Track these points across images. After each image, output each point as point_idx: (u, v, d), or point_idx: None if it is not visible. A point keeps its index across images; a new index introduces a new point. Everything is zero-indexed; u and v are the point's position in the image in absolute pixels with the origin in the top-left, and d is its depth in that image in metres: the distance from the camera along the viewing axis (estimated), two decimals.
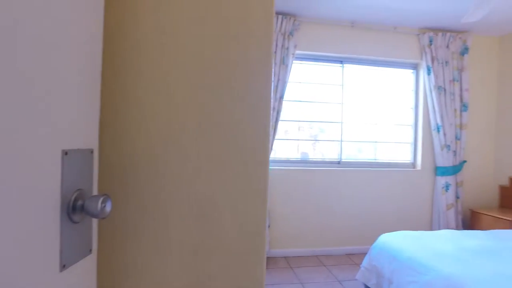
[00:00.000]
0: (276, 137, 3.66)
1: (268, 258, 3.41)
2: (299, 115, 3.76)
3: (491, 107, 4.05)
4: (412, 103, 3.99)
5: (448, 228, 3.72)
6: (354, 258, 3.50)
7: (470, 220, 3.77)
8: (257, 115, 0.70)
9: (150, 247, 0.70)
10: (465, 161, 3.83)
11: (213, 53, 0.70)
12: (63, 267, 0.52)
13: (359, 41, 3.69)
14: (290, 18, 3.37)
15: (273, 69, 3.26)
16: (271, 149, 3.36)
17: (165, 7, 0.69)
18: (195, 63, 0.70)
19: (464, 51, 3.79)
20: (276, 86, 3.33)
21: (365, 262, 2.64)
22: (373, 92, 3.90)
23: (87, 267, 0.59)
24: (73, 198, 0.54)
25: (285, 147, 3.79)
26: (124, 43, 0.69)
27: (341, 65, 3.78)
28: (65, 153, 0.52)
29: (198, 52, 0.70)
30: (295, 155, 3.77)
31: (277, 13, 3.34)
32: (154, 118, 0.70)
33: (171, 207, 0.71)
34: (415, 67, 3.97)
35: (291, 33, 3.37)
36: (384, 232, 2.80)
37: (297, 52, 3.53)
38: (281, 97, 3.38)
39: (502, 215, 3.39)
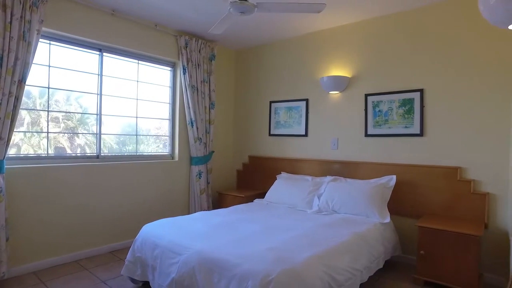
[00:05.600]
0: (21, 129, 2.99)
1: (8, 279, 2.75)
2: (51, 104, 3.22)
3: (230, 107, 5.00)
4: (169, 99, 4.30)
5: (201, 209, 4.33)
6: (119, 254, 3.42)
7: (218, 201, 4.54)
8: None
9: None
10: (213, 151, 4.55)
11: None
12: None
13: (120, 32, 3.57)
14: None
15: (4, 43, 2.61)
16: (8, 142, 2.70)
17: None
18: None
19: (212, 57, 4.46)
20: (13, 66, 2.69)
21: (129, 256, 2.65)
22: (134, 85, 3.90)
23: None
24: None
25: (33, 141, 3.16)
26: None
27: (99, 53, 3.53)
28: None
29: None
30: (47, 150, 3.20)
31: None
32: None
33: None
34: (173, 65, 4.29)
35: (34, 4, 2.80)
36: (149, 222, 2.91)
37: (45, 29, 3.00)
38: (22, 81, 2.77)
39: (238, 193, 4.28)
